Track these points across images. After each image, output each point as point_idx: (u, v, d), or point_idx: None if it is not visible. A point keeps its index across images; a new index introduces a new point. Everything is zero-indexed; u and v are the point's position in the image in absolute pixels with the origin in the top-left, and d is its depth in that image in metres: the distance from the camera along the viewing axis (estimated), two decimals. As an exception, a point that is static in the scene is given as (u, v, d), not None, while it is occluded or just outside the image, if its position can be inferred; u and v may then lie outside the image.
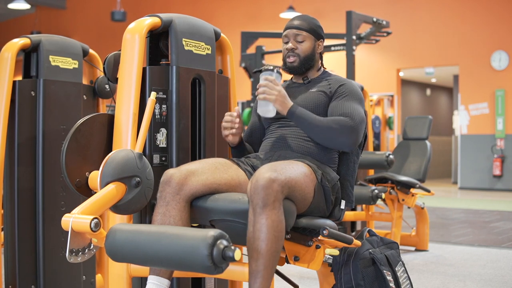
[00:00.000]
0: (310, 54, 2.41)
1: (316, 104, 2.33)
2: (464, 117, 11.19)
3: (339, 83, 2.37)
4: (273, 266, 1.90)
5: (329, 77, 2.44)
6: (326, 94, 2.35)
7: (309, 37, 2.41)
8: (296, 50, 2.40)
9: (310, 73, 2.46)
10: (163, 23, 2.22)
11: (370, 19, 7.13)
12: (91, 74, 3.00)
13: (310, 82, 2.43)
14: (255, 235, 1.88)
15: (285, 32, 2.43)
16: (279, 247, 1.90)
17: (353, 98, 2.32)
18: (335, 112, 2.28)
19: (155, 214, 2.02)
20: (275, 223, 1.87)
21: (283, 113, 2.24)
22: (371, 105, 8.46)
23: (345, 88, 2.34)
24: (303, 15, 2.46)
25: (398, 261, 2.39)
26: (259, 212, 1.87)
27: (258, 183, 1.88)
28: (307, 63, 2.42)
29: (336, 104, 2.30)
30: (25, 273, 2.62)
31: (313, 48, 2.42)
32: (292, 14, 12.27)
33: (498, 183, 10.79)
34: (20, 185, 2.63)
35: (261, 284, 1.87)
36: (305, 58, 2.41)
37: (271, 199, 1.88)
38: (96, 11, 15.99)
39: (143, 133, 2.05)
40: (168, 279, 1.97)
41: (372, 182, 4.54)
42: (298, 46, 2.40)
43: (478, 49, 11.02)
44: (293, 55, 2.41)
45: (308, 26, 2.41)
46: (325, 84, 2.39)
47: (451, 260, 4.17)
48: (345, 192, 2.32)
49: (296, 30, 2.40)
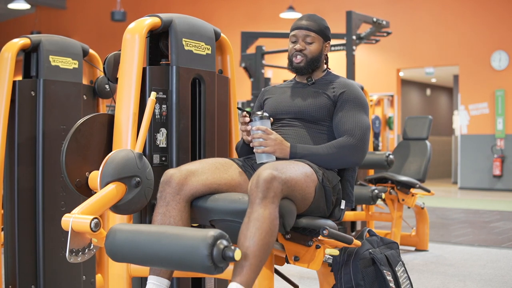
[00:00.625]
0: (317, 56, 2.41)
1: (319, 107, 2.33)
2: (464, 117, 11.19)
3: (342, 89, 2.35)
4: (262, 260, 1.82)
5: (333, 79, 2.42)
6: (330, 98, 2.34)
7: (318, 39, 2.40)
8: (304, 51, 2.39)
9: (315, 73, 2.45)
10: (163, 23, 2.22)
11: (370, 19, 7.13)
12: (91, 74, 3.00)
13: (314, 83, 2.42)
14: (250, 225, 1.83)
15: (294, 32, 2.41)
16: (271, 242, 1.86)
17: (356, 106, 2.31)
18: (339, 128, 2.28)
19: (155, 214, 2.02)
20: (272, 216, 1.86)
21: (286, 158, 2.22)
22: (371, 105, 8.46)
23: (348, 96, 2.33)
24: (313, 15, 2.44)
25: (398, 261, 2.39)
26: (257, 202, 1.85)
27: (260, 177, 1.88)
28: (314, 64, 2.41)
29: (340, 117, 2.30)
30: (25, 273, 2.62)
31: (321, 49, 2.42)
32: (292, 14, 12.27)
33: (498, 183, 10.78)
34: (20, 185, 2.63)
35: (247, 274, 1.78)
36: (312, 60, 2.40)
37: (271, 193, 1.87)
38: (96, 11, 15.99)
39: (143, 133, 2.05)
40: (168, 279, 1.97)
41: (372, 182, 4.54)
42: (306, 47, 2.39)
43: (478, 49, 11.03)
44: (301, 56, 2.39)
45: (318, 28, 2.40)
46: (330, 87, 2.38)
47: (451, 260, 4.17)
48: (345, 192, 2.32)
49: (306, 31, 2.39)
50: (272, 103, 2.43)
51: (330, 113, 2.33)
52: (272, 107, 2.41)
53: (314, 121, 2.33)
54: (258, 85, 7.71)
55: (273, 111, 2.40)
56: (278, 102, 2.41)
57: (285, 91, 2.45)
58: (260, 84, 7.72)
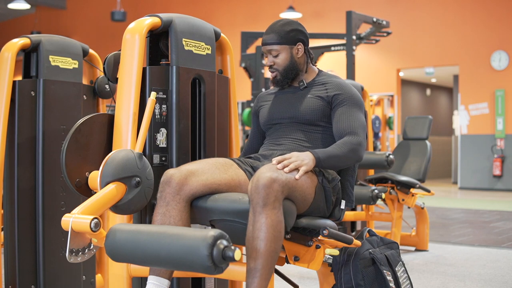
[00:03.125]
0: (289, 64, 2.36)
1: (313, 110, 2.32)
2: (464, 117, 11.19)
3: (336, 90, 2.33)
4: (272, 266, 1.90)
5: (326, 79, 2.40)
6: (323, 99, 2.33)
7: (283, 48, 2.34)
8: (274, 66, 2.36)
9: (303, 77, 2.41)
10: (163, 23, 2.21)
11: (370, 19, 7.13)
12: (91, 74, 3.00)
13: (307, 86, 2.40)
14: (255, 234, 1.89)
15: (262, 48, 2.40)
16: (278, 247, 1.91)
17: (352, 106, 2.31)
18: (340, 129, 2.26)
19: (155, 214, 2.02)
20: (274, 223, 1.88)
21: (312, 162, 2.12)
22: (371, 105, 8.47)
23: (343, 97, 2.32)
24: (273, 25, 2.36)
25: (398, 261, 2.39)
26: (259, 211, 1.88)
27: (259, 182, 1.89)
28: (290, 73, 2.37)
29: (338, 118, 2.29)
30: (25, 273, 2.62)
31: (290, 57, 2.35)
32: (292, 14, 12.27)
33: (498, 183, 10.78)
34: (20, 185, 2.62)
35: (259, 283, 1.87)
36: (286, 70, 2.36)
37: (272, 198, 1.89)
38: (96, 11, 15.99)
39: (143, 133, 2.05)
40: (168, 279, 1.97)
41: (372, 182, 4.54)
42: (274, 61, 2.36)
43: (478, 49, 11.02)
44: (273, 70, 2.37)
45: (279, 37, 2.33)
46: (322, 88, 2.36)
47: (451, 260, 4.17)
48: (345, 192, 2.32)
49: (268, 46, 2.35)
50: (266, 110, 2.44)
51: (325, 114, 2.33)
52: (266, 114, 2.43)
53: (309, 123, 2.33)
54: (258, 85, 7.71)
55: (268, 118, 2.42)
56: (272, 109, 2.42)
57: (279, 97, 2.45)
58: (260, 84, 7.72)
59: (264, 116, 2.44)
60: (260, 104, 2.51)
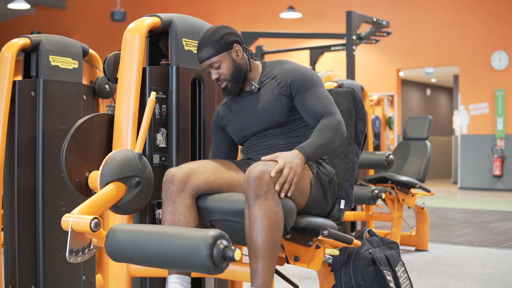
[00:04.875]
0: (234, 69, 2.23)
1: (279, 110, 2.21)
2: (464, 117, 11.19)
3: (286, 78, 2.22)
4: (272, 257, 1.88)
5: (273, 71, 2.28)
6: (282, 95, 2.22)
7: (221, 57, 2.20)
8: (220, 77, 2.23)
9: (252, 76, 2.30)
10: (163, 23, 2.22)
11: (370, 19, 7.13)
12: (91, 74, 3.00)
13: (259, 88, 2.27)
14: (251, 228, 1.89)
15: (202, 65, 2.26)
16: (276, 238, 1.89)
17: (311, 86, 2.20)
18: (313, 114, 2.17)
19: (164, 214, 2.02)
20: (268, 213, 1.88)
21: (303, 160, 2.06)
22: (371, 105, 8.46)
23: (297, 81, 2.20)
24: (202, 40, 2.21)
25: (398, 261, 2.39)
26: (252, 204, 1.89)
27: (250, 175, 1.90)
28: (239, 77, 2.25)
29: (306, 105, 2.18)
30: (25, 273, 2.62)
31: (232, 62, 2.23)
32: (292, 14, 12.27)
33: (498, 183, 10.78)
34: (20, 185, 2.62)
35: (261, 276, 1.86)
36: (233, 76, 2.23)
37: (263, 189, 1.89)
38: (96, 11, 15.99)
39: (143, 133, 2.05)
40: (188, 275, 1.97)
41: (372, 182, 4.54)
42: (219, 72, 2.22)
43: (478, 49, 11.02)
44: (221, 82, 2.25)
45: (213, 49, 2.19)
46: (274, 83, 2.24)
47: (451, 260, 4.17)
48: (345, 192, 2.31)
49: (206, 61, 2.21)
50: (235, 130, 2.30)
51: (291, 108, 2.22)
52: (237, 133, 2.30)
53: (282, 125, 2.24)
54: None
55: (240, 136, 2.30)
56: (239, 126, 2.28)
57: (238, 110, 2.30)
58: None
59: (235, 135, 2.31)
60: (224, 122, 2.33)
